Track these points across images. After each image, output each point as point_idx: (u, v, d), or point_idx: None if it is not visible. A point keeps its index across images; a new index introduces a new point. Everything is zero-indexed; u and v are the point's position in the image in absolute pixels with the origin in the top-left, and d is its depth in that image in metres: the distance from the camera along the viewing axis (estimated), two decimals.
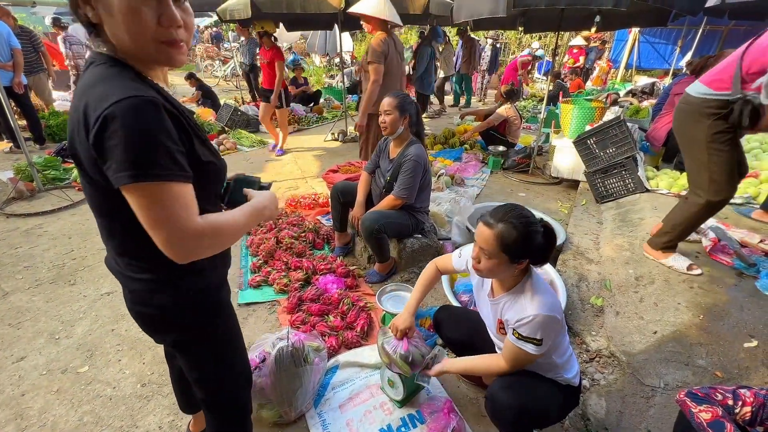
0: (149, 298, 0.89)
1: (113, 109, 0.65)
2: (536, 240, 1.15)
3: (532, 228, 1.14)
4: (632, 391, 1.63)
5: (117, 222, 0.81)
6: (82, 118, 0.68)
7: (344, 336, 1.97)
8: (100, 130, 0.65)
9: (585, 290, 2.27)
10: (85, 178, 0.77)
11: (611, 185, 3.31)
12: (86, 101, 0.68)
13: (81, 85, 0.73)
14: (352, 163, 3.83)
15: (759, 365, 1.62)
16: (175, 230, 0.71)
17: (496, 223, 1.15)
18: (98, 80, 0.71)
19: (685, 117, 1.99)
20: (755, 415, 1.02)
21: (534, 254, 1.18)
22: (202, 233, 0.74)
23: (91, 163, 0.71)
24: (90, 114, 0.67)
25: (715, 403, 1.05)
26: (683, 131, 2.04)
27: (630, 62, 11.10)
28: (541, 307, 1.15)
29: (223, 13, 4.75)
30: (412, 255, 2.56)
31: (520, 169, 4.66)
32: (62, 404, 1.66)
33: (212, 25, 18.25)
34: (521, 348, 1.18)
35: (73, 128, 0.72)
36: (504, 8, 3.45)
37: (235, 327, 1.09)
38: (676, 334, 1.81)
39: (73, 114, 0.72)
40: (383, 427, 1.55)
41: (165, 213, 0.69)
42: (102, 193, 0.76)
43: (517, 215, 1.15)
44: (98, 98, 0.67)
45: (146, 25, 0.71)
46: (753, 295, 1.98)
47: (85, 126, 0.68)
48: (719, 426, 0.99)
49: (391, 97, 2.29)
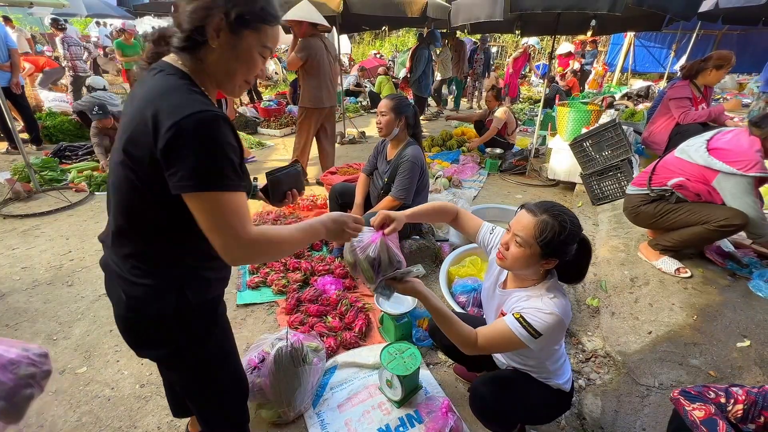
0: (149, 305, 0.87)
1: (188, 121, 0.70)
2: (573, 243, 1.11)
3: (574, 229, 1.09)
4: (627, 390, 1.65)
5: (142, 224, 0.83)
6: (151, 123, 0.72)
7: (343, 336, 1.98)
8: (173, 138, 0.70)
9: (581, 291, 2.30)
10: (128, 177, 0.78)
11: (607, 187, 3.34)
12: (156, 109, 0.72)
13: (147, 92, 0.77)
14: (351, 165, 3.85)
15: (751, 364, 1.65)
16: (232, 237, 0.76)
17: (540, 213, 1.11)
18: (169, 90, 0.75)
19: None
20: (747, 412, 1.05)
21: (566, 257, 1.12)
22: (256, 241, 0.79)
23: (146, 165, 0.74)
24: (162, 121, 0.71)
25: (708, 401, 1.07)
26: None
27: (625, 66, 11.22)
28: (556, 307, 1.10)
29: None
30: (411, 256, 2.57)
31: (517, 171, 4.70)
32: (60, 405, 1.66)
33: None
34: (512, 330, 1.09)
35: (134, 131, 0.75)
36: (501, 12, 3.49)
37: (230, 341, 1.07)
38: (671, 334, 1.83)
39: (137, 117, 0.74)
40: (381, 427, 1.56)
41: (224, 220, 0.75)
42: (140, 194, 0.78)
43: (564, 212, 1.11)
44: (171, 108, 0.71)
45: (250, 71, 0.84)
46: (745, 295, 2.01)
47: (154, 132, 0.71)
48: (712, 423, 1.01)
49: (388, 99, 2.31)
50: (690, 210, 2.08)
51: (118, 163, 0.78)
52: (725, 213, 1.95)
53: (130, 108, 0.78)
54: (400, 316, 1.94)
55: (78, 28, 12.52)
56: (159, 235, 0.81)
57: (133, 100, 0.79)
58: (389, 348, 1.69)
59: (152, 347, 0.95)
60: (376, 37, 18.27)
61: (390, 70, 11.24)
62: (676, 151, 2.15)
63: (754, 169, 1.82)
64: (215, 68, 0.81)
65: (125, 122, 0.78)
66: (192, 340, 0.95)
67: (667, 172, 2.15)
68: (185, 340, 0.94)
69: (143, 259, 0.86)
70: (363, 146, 5.98)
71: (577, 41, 11.98)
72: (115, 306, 0.92)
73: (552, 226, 1.08)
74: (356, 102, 9.06)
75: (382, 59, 12.99)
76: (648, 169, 2.30)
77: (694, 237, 2.10)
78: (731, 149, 1.90)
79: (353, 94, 9.28)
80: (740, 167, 1.84)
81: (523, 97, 9.98)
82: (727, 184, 1.91)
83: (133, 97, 0.81)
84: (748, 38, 9.65)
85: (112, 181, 0.84)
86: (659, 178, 2.19)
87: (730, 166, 1.86)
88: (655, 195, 2.20)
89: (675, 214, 2.13)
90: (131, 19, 9.45)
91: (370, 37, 18.28)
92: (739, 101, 7.16)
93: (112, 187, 0.84)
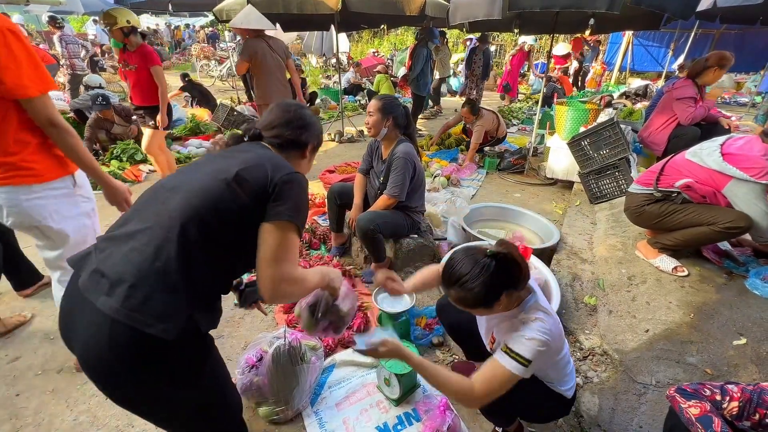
0: (152, 322, 0.82)
1: (294, 176, 1.01)
2: (497, 277, 1.04)
3: (485, 279, 1.03)
4: (624, 388, 1.66)
5: (210, 235, 0.92)
6: (270, 172, 0.98)
7: (341, 335, 1.98)
8: (284, 182, 0.98)
9: (579, 289, 2.30)
10: (225, 193, 0.94)
11: (605, 186, 3.35)
12: (272, 165, 1.01)
13: (258, 155, 1.05)
14: (349, 164, 3.85)
15: (748, 362, 1.65)
16: (284, 269, 0.96)
17: (448, 291, 1.10)
18: (275, 156, 1.08)
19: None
20: (742, 410, 1.05)
21: (505, 287, 1.06)
22: (295, 279, 0.99)
23: (254, 196, 0.96)
24: (278, 171, 0.99)
25: (703, 399, 1.08)
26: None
27: (624, 65, 11.22)
28: (538, 332, 1.07)
29: (220, 13, 4.74)
30: (409, 255, 2.57)
31: (515, 170, 4.70)
32: (58, 404, 1.66)
33: (208, 25, 18.24)
34: (504, 366, 1.06)
35: (251, 168, 0.99)
36: (499, 11, 3.49)
37: (223, 372, 1.08)
38: (668, 332, 1.84)
39: (256, 167, 0.99)
40: (379, 425, 1.57)
41: (285, 253, 0.96)
42: (228, 209, 0.94)
43: (458, 276, 1.05)
44: (282, 166, 1.02)
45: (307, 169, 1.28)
46: (742, 293, 2.01)
47: (271, 177, 0.98)
48: (707, 420, 1.02)
49: (375, 99, 2.32)
50: (695, 211, 2.09)
51: (222, 180, 0.95)
52: (731, 215, 1.96)
53: (242, 156, 1.04)
54: (398, 315, 1.94)
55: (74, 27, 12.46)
56: (214, 252, 0.94)
57: (254, 159, 1.03)
58: None
59: (149, 371, 0.87)
60: (374, 36, 18.24)
61: (389, 69, 11.22)
62: (687, 153, 2.13)
63: (766, 177, 1.83)
64: (290, 158, 1.16)
65: (238, 161, 1.00)
66: (191, 365, 0.94)
67: (676, 174, 2.14)
68: (183, 365, 0.91)
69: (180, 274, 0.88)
70: (362, 145, 5.97)
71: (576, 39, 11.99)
72: (99, 325, 0.83)
73: (467, 296, 1.06)
74: (354, 101, 9.05)
75: (380, 58, 12.96)
76: (655, 168, 2.29)
77: (697, 237, 2.10)
78: (744, 155, 1.90)
79: (352, 92, 9.26)
80: (753, 174, 1.85)
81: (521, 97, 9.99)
82: (739, 190, 1.91)
83: (236, 150, 1.10)
84: (745, 37, 9.66)
85: (191, 194, 0.94)
86: (668, 179, 2.18)
87: (744, 173, 1.87)
88: (660, 195, 2.20)
89: (681, 215, 2.13)
90: None
91: (369, 35, 18.24)
92: (720, 90, 7.21)
93: (193, 194, 0.94)
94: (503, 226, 3.21)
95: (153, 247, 0.87)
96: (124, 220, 0.97)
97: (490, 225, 3.23)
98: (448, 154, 5.01)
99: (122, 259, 0.87)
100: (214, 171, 0.98)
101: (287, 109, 1.19)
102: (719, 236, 2.05)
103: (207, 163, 1.05)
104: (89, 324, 0.84)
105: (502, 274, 1.04)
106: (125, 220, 0.96)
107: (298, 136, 1.17)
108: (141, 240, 0.88)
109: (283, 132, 1.16)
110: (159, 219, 0.91)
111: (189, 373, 0.93)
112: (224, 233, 0.94)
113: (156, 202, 0.96)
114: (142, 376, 0.87)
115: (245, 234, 0.96)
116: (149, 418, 1.02)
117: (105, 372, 0.86)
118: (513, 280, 1.06)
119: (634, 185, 2.39)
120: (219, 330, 2.09)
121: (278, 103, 1.22)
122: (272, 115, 1.18)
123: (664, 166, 2.22)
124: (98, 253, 0.91)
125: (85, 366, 0.87)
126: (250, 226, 0.96)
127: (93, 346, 0.84)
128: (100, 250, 0.91)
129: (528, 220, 3.16)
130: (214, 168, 0.99)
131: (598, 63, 10.88)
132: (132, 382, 0.87)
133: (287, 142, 1.15)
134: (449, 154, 4.98)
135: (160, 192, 0.99)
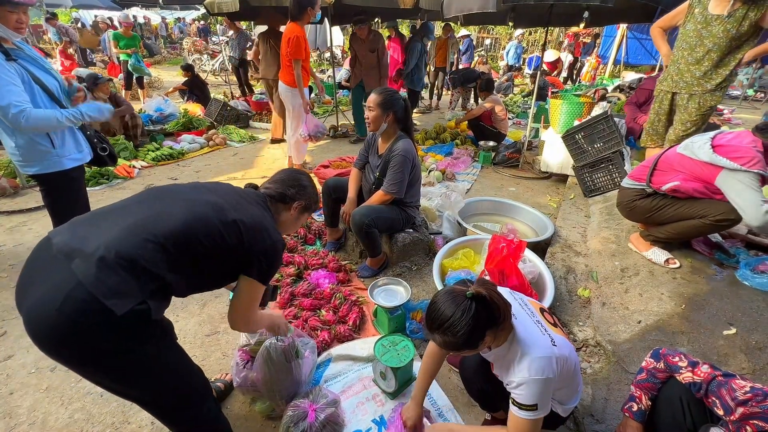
0: (109, 295, 0.90)
1: (270, 247, 1.20)
2: (479, 319, 1.04)
3: (467, 322, 1.02)
4: (617, 378, 1.68)
5: (196, 247, 1.06)
6: (260, 231, 1.17)
7: (337, 330, 1.99)
8: (268, 251, 1.19)
9: (572, 282, 2.32)
10: (220, 245, 1.09)
11: (599, 179, 3.37)
12: (264, 225, 1.20)
13: (257, 215, 1.21)
14: (344, 158, 3.83)
15: (737, 352, 1.68)
16: (248, 313, 1.27)
17: (433, 335, 1.11)
18: (268, 219, 1.26)
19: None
20: (699, 386, 1.10)
21: (488, 327, 1.06)
22: (253, 320, 1.35)
23: (238, 245, 1.12)
24: (268, 235, 1.19)
25: (660, 359, 1.24)
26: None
27: (618, 58, 11.23)
28: (530, 372, 1.08)
29: (211, 6, 4.67)
30: (404, 249, 2.58)
31: (510, 164, 4.71)
32: (52, 402, 1.65)
33: (199, 19, 17.98)
34: (520, 418, 1.11)
35: (249, 228, 1.15)
36: (494, 3, 3.47)
37: (174, 349, 1.16)
38: (660, 323, 1.87)
39: (253, 224, 1.16)
40: (375, 418, 1.58)
41: (252, 303, 1.26)
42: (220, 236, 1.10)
43: (441, 321, 1.05)
44: (271, 229, 1.23)
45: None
46: (732, 284, 2.05)
47: (262, 237, 1.17)
48: (656, 354, 1.26)
49: (375, 94, 2.29)
50: (686, 204, 2.11)
51: (218, 220, 1.09)
52: (721, 208, 1.98)
53: (244, 206, 1.20)
54: (393, 309, 1.94)
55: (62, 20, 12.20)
56: (190, 270, 1.07)
57: (255, 218, 1.19)
58: (383, 340, 1.70)
59: (105, 336, 0.93)
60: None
61: None
62: (678, 147, 2.15)
63: (756, 165, 1.84)
64: (282, 220, 1.40)
65: (249, 224, 1.16)
66: (145, 336, 1.01)
67: (669, 170, 2.15)
68: (136, 337, 0.98)
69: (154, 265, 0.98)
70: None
71: (570, 33, 11.97)
72: (69, 288, 0.89)
73: (449, 341, 1.07)
74: (349, 95, 8.98)
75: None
76: (647, 163, 2.30)
77: (688, 230, 2.13)
78: (734, 146, 1.92)
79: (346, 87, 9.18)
80: (743, 162, 1.86)
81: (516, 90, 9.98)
82: (731, 180, 1.93)
83: (243, 199, 1.24)
84: None
85: (191, 216, 1.06)
86: (661, 176, 2.18)
87: (733, 162, 1.88)
88: (652, 190, 2.23)
89: (672, 209, 2.15)
90: (117, 10, 9.23)
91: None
92: None
93: (193, 216, 1.07)
94: (498, 220, 3.22)
95: (141, 239, 0.97)
96: (123, 203, 1.12)
97: (486, 219, 3.25)
98: (443, 148, 5.00)
99: (115, 234, 0.98)
100: (213, 204, 1.13)
101: (287, 172, 1.46)
102: (710, 229, 2.07)
103: (209, 191, 1.21)
104: (52, 283, 0.91)
105: (483, 314, 1.04)
106: (125, 203, 1.12)
107: (287, 191, 1.38)
108: (134, 225, 1.00)
109: (276, 187, 1.39)
110: (159, 218, 1.03)
111: (127, 347, 0.97)
112: (207, 258, 1.08)
113: (163, 202, 1.10)
114: (81, 337, 0.91)
115: (224, 265, 1.15)
116: (106, 388, 1.09)
117: (48, 327, 0.90)
118: (493, 319, 1.07)
119: (627, 180, 2.42)
120: (215, 326, 2.08)
121: (284, 169, 1.48)
122: (275, 175, 1.43)
123: (657, 161, 2.23)
124: (86, 225, 1.04)
125: (28, 319, 0.91)
126: (229, 261, 1.15)
127: (48, 301, 0.89)
128: (89, 224, 1.04)
129: (523, 213, 3.17)
130: (213, 200, 1.15)
131: (593, 56, 10.90)
132: (72, 343, 0.92)
133: (278, 195, 1.36)
134: (444, 149, 4.98)
135: (167, 195, 1.14)
